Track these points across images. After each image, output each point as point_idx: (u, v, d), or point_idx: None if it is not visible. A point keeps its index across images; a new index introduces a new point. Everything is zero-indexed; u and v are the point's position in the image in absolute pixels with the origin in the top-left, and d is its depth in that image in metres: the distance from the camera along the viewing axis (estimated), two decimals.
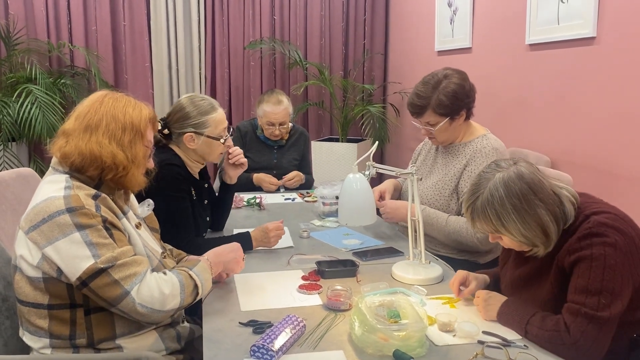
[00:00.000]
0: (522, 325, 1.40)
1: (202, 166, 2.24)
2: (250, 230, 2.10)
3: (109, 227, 1.39)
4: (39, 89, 4.09)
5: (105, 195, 1.43)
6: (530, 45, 3.12)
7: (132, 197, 1.65)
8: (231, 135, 2.22)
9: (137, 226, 1.55)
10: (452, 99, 2.07)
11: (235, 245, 1.71)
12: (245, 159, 2.36)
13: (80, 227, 1.34)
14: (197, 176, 2.22)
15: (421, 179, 2.12)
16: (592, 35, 2.62)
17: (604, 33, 2.57)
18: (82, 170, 1.42)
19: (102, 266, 1.32)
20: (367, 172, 1.75)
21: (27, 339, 1.44)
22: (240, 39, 5.16)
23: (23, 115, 3.95)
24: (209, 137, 2.10)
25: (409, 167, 1.78)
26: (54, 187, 1.40)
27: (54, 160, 1.47)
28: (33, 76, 4.23)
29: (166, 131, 2.12)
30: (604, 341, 1.31)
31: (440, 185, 2.16)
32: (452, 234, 2.06)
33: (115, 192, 1.50)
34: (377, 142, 1.89)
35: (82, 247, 1.32)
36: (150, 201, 1.67)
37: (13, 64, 4.45)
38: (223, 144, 2.15)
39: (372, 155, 1.74)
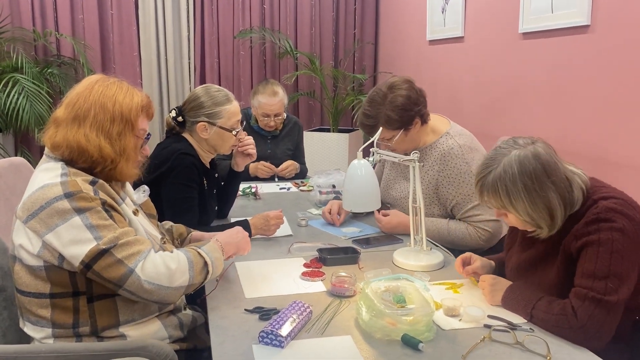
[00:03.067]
0: (528, 310, 1.40)
1: (213, 156, 2.23)
2: (248, 218, 2.09)
3: (109, 209, 1.37)
4: (25, 79, 4.01)
5: (103, 182, 1.41)
6: (524, 34, 3.13)
7: (128, 185, 1.62)
8: (243, 126, 2.21)
9: (135, 213, 1.53)
10: (400, 113, 2.01)
11: (239, 228, 1.70)
12: (254, 151, 2.34)
13: (79, 210, 1.31)
14: (208, 166, 2.22)
15: (423, 165, 2.11)
16: (586, 24, 2.63)
17: (598, 21, 2.59)
18: (72, 161, 1.40)
19: (104, 247, 1.30)
20: (371, 158, 1.75)
21: (29, 329, 1.41)
22: (230, 28, 5.11)
23: (10, 105, 3.88)
24: (221, 128, 2.10)
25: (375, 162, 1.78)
26: (50, 174, 1.37)
27: (46, 148, 1.44)
28: (19, 65, 4.15)
29: (180, 119, 2.13)
30: (611, 325, 1.31)
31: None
32: (456, 241, 2.05)
33: (111, 180, 1.48)
34: (381, 128, 1.88)
35: (82, 230, 1.30)
36: (146, 187, 1.65)
37: None
38: (235, 136, 2.14)
39: (376, 141, 1.73)
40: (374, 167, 1.82)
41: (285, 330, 1.29)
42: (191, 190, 2.03)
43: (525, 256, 1.56)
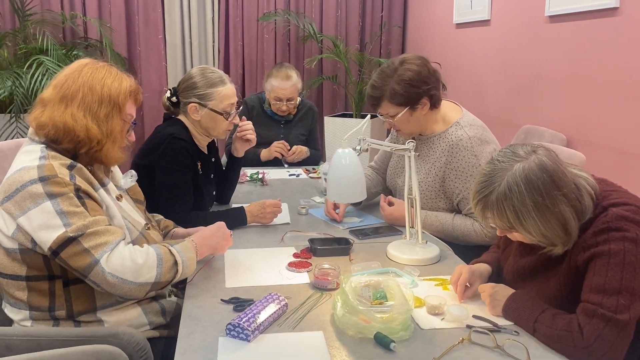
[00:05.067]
0: (530, 323, 1.27)
1: (210, 139, 2.19)
2: (244, 205, 2.06)
3: (82, 195, 1.35)
4: (50, 60, 4.06)
5: (82, 166, 1.39)
6: (550, 17, 2.98)
7: (116, 169, 1.61)
8: (238, 110, 2.15)
9: (118, 198, 1.51)
10: (406, 87, 1.89)
11: (220, 224, 1.65)
12: (254, 136, 2.29)
13: (51, 195, 1.30)
14: (205, 150, 2.18)
15: (419, 155, 2.02)
16: (615, 6, 2.47)
17: (627, 3, 2.42)
18: (57, 142, 1.39)
19: (71, 235, 1.28)
20: (358, 147, 1.67)
21: (8, 311, 1.43)
22: (254, 10, 5.06)
23: (34, 86, 3.95)
24: (212, 110, 2.04)
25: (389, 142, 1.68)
26: (28, 157, 1.37)
27: (30, 130, 1.44)
28: (45, 47, 4.21)
29: (174, 99, 2.09)
30: (622, 347, 1.18)
31: (424, 187, 2.03)
32: (460, 237, 1.96)
33: (94, 163, 1.46)
34: (368, 115, 1.80)
35: (53, 216, 1.29)
36: (134, 172, 1.63)
37: (27, 35, 4.45)
38: (227, 120, 2.08)
39: (363, 128, 1.66)
40: (374, 159, 1.74)
41: (253, 324, 1.25)
42: (183, 174, 2.00)
43: (525, 262, 1.43)
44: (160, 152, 1.97)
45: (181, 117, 2.11)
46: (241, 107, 2.17)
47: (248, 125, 2.25)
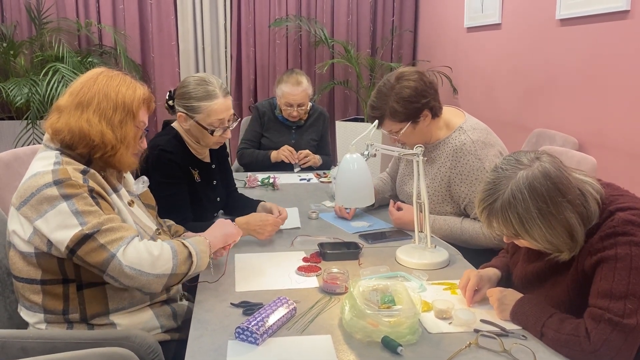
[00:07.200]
0: (538, 327, 1.28)
1: (206, 148, 2.16)
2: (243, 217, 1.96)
3: (96, 196, 1.39)
4: (65, 68, 4.14)
5: (95, 172, 1.42)
6: (561, 20, 2.97)
7: (128, 175, 1.64)
8: (230, 124, 2.06)
9: (130, 203, 1.54)
10: (405, 104, 1.91)
11: (220, 219, 1.67)
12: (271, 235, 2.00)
13: (66, 197, 1.33)
14: (204, 156, 2.17)
15: (426, 160, 2.03)
16: (626, 9, 2.46)
17: (638, 6, 2.41)
18: (72, 147, 1.42)
19: (87, 232, 1.31)
20: (365, 152, 1.68)
21: (24, 314, 1.46)
22: (266, 16, 5.10)
23: (50, 93, 4.02)
24: (198, 123, 2.00)
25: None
26: (43, 162, 1.40)
27: (46, 136, 1.47)
28: (61, 55, 4.29)
29: (171, 102, 2.08)
30: (628, 352, 1.18)
31: (430, 192, 2.04)
32: (469, 241, 1.96)
33: (107, 169, 1.49)
34: (376, 121, 1.81)
35: (69, 216, 1.32)
36: (145, 178, 1.66)
37: (43, 43, 4.53)
38: (212, 135, 2.02)
39: (372, 133, 1.67)
40: (389, 166, 1.74)
41: (261, 327, 1.26)
42: (173, 186, 1.98)
43: (532, 267, 1.43)
44: (150, 165, 1.94)
45: (175, 124, 2.11)
46: (232, 122, 2.09)
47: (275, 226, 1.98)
